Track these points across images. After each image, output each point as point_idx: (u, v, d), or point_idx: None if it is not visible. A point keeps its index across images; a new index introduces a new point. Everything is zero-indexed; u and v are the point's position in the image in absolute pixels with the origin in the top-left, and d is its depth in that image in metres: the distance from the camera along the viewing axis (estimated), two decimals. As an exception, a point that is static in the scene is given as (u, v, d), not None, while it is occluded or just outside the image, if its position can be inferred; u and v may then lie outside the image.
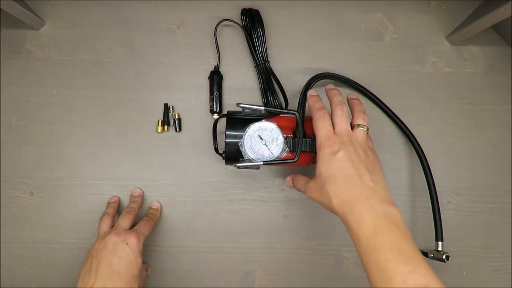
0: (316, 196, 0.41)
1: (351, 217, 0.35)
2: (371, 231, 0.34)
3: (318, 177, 0.40)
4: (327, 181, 0.38)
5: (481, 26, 0.52)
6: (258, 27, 0.54)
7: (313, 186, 0.41)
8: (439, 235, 0.51)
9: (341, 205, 0.37)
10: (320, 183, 0.40)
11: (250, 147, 0.45)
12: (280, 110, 0.47)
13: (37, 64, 0.57)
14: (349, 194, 0.37)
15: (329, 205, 0.38)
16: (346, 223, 0.37)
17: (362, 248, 0.34)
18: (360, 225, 0.35)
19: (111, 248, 0.44)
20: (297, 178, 0.46)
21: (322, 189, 0.39)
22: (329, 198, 0.38)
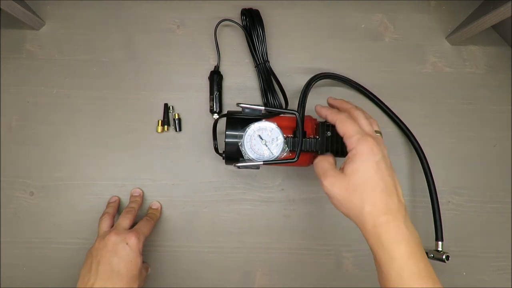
0: (338, 193, 0.37)
1: (386, 232, 0.34)
2: (408, 254, 0.34)
3: (351, 174, 0.36)
4: (364, 184, 0.36)
5: (481, 26, 0.52)
6: (258, 27, 0.54)
7: (341, 181, 0.37)
8: (439, 235, 0.51)
9: (376, 216, 0.35)
10: (352, 183, 0.36)
11: (250, 147, 0.45)
12: (280, 110, 0.47)
13: (37, 64, 0.57)
14: (387, 206, 0.35)
15: (357, 210, 0.36)
16: (374, 235, 0.35)
17: (394, 270, 0.34)
18: (397, 244, 0.34)
19: (111, 247, 0.43)
20: (325, 157, 0.41)
21: (354, 191, 0.36)
22: (361, 203, 0.35)
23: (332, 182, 0.38)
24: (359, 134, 0.37)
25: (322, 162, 0.40)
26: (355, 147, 0.37)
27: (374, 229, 0.35)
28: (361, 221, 0.36)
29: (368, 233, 0.35)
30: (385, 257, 0.34)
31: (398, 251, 0.34)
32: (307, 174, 0.56)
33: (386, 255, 0.34)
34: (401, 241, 0.34)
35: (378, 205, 0.35)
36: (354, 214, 0.37)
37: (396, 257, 0.34)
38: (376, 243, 0.35)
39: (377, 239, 0.35)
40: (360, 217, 0.36)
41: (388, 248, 0.34)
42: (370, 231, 0.35)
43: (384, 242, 0.34)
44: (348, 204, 0.37)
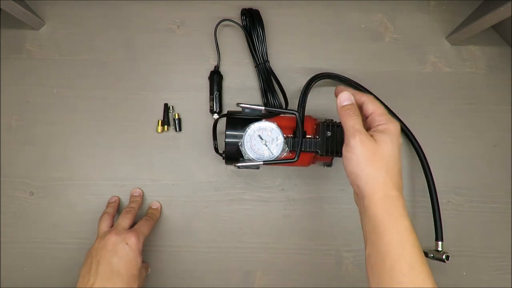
0: (365, 154, 0.37)
1: (396, 204, 0.36)
2: (411, 230, 0.36)
3: (381, 143, 0.37)
4: (389, 157, 0.37)
5: (481, 26, 0.52)
6: (258, 27, 0.54)
7: (371, 144, 0.37)
8: (439, 235, 0.51)
9: (390, 188, 0.36)
10: (380, 150, 0.37)
11: (250, 147, 0.45)
12: (280, 110, 0.47)
13: (37, 64, 0.57)
14: (399, 184, 0.37)
15: (374, 176, 0.37)
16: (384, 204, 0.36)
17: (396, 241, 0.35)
18: (404, 218, 0.36)
19: (111, 247, 0.44)
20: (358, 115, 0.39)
21: (380, 158, 0.37)
22: (381, 172, 0.36)
23: (363, 141, 0.37)
24: (388, 115, 0.39)
25: (356, 120, 0.39)
26: (387, 123, 0.39)
27: (385, 199, 0.36)
28: (373, 188, 0.36)
29: (376, 201, 0.36)
30: (391, 226, 0.35)
31: (403, 224, 0.35)
32: (307, 174, 0.56)
33: (392, 224, 0.35)
34: (406, 216, 0.36)
35: (394, 180, 0.37)
36: (368, 178, 0.37)
37: (401, 229, 0.35)
38: (384, 212, 0.36)
39: (386, 208, 0.36)
40: (373, 183, 0.36)
41: (396, 219, 0.35)
42: (380, 200, 0.36)
43: (393, 213, 0.36)
44: (367, 167, 0.37)
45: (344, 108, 0.40)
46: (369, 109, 0.40)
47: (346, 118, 0.39)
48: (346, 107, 0.40)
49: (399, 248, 0.34)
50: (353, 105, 0.40)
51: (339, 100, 0.41)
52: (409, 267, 0.34)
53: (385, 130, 0.38)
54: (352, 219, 0.55)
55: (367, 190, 0.37)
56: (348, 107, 0.40)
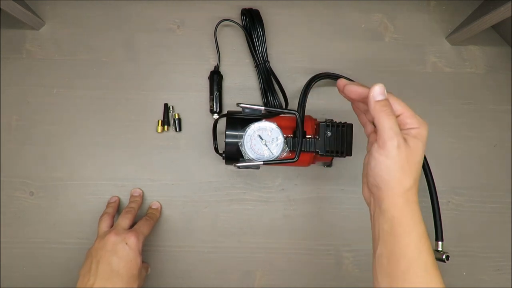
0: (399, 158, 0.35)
1: (417, 209, 0.37)
2: (426, 236, 0.36)
3: (415, 148, 0.36)
4: (419, 164, 0.36)
5: (481, 26, 0.52)
6: (258, 27, 0.54)
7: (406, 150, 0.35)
8: (439, 235, 0.51)
9: (413, 194, 0.36)
10: (413, 156, 0.36)
11: (250, 147, 0.45)
12: (280, 110, 0.47)
13: (37, 64, 0.57)
14: (417, 191, 0.38)
15: (400, 180, 0.36)
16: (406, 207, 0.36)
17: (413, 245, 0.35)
18: (421, 223, 0.36)
19: (110, 247, 0.44)
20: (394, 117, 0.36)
21: (412, 164, 0.36)
22: (409, 177, 0.36)
23: (400, 146, 0.35)
24: (418, 116, 0.37)
25: (394, 120, 0.36)
26: (420, 127, 0.37)
27: (407, 203, 0.36)
28: (396, 193, 0.36)
29: (397, 204, 0.36)
30: (411, 229, 0.36)
31: (421, 228, 0.36)
32: (307, 174, 0.56)
33: (413, 228, 0.36)
34: (422, 222, 0.36)
35: (417, 186, 0.37)
36: (396, 185, 0.36)
37: (420, 232, 0.36)
38: (406, 215, 0.36)
39: (409, 212, 0.36)
40: (400, 188, 0.36)
41: (416, 223, 0.36)
42: (402, 203, 0.36)
43: (414, 217, 0.36)
44: (397, 174, 0.36)
45: (379, 104, 0.36)
46: (397, 110, 0.37)
47: (383, 117, 0.36)
48: (381, 103, 0.36)
49: (416, 251, 0.35)
50: (388, 101, 0.37)
51: (373, 93, 0.37)
52: (424, 270, 0.34)
53: (418, 135, 0.36)
54: (352, 219, 0.55)
55: (392, 194, 0.36)
56: (384, 103, 0.36)
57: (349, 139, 0.45)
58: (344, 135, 0.45)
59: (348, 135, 0.45)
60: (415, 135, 0.37)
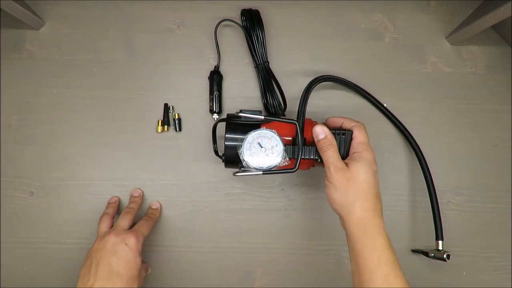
0: (341, 181, 0.41)
1: (371, 223, 0.40)
2: (387, 245, 0.39)
3: (355, 170, 0.41)
4: (363, 182, 0.41)
5: (481, 26, 0.52)
6: (258, 27, 0.54)
7: (345, 173, 0.41)
8: (439, 234, 0.51)
9: (365, 210, 0.40)
10: (354, 177, 0.41)
11: (249, 154, 0.45)
12: (280, 119, 0.47)
13: (37, 64, 0.57)
14: (375, 206, 0.41)
15: (350, 200, 0.41)
16: (361, 224, 0.40)
17: (373, 257, 0.39)
18: (379, 235, 0.40)
19: (110, 248, 0.44)
20: (335, 147, 0.44)
21: (354, 184, 0.41)
22: (357, 196, 0.41)
23: (337, 170, 0.42)
24: (367, 144, 0.44)
25: (333, 152, 0.43)
26: (363, 151, 0.43)
27: (361, 220, 0.40)
28: (349, 210, 0.41)
29: (352, 223, 0.40)
30: (367, 244, 0.39)
31: (378, 241, 0.39)
32: (307, 174, 0.56)
33: (369, 242, 0.39)
34: (381, 234, 0.40)
35: (369, 202, 0.41)
36: (345, 203, 0.41)
37: (377, 246, 0.39)
38: (361, 231, 0.40)
39: (362, 227, 0.40)
40: (350, 207, 0.41)
41: (372, 237, 0.40)
42: (356, 222, 0.40)
43: (368, 231, 0.40)
44: (343, 193, 0.41)
45: (319, 142, 0.44)
46: (354, 135, 0.45)
47: (322, 151, 0.44)
48: (321, 142, 0.44)
49: (375, 263, 0.38)
50: (327, 137, 0.44)
51: (314, 135, 0.45)
52: (383, 280, 0.37)
53: (359, 157, 0.43)
54: (352, 219, 0.55)
55: (344, 213, 0.41)
56: (322, 141, 0.44)
57: (348, 146, 0.46)
58: (344, 141, 0.45)
59: (348, 142, 0.46)
60: (355, 158, 0.43)
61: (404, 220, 0.55)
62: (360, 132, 0.45)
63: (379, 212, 0.41)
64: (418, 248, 0.54)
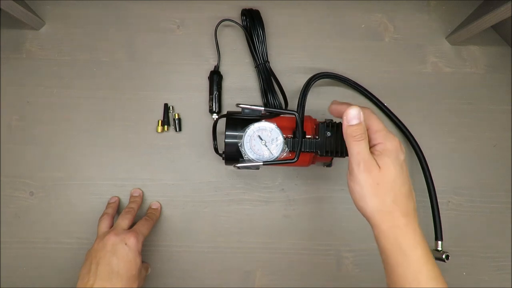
0: (370, 185, 0.34)
1: (404, 234, 0.34)
2: (425, 258, 0.34)
3: (384, 169, 0.34)
4: (393, 182, 0.34)
5: (481, 26, 0.52)
6: (258, 27, 0.54)
7: (376, 174, 0.34)
8: (439, 234, 0.51)
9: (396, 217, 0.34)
10: (384, 178, 0.34)
11: (250, 147, 0.45)
12: (280, 110, 0.47)
13: (37, 64, 0.57)
14: (407, 209, 0.35)
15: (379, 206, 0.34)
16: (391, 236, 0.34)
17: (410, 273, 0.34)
18: (415, 248, 0.34)
19: (110, 248, 0.43)
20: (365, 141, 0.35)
21: (384, 187, 0.34)
22: (386, 201, 0.34)
23: (367, 169, 0.34)
24: (386, 130, 0.36)
25: (365, 144, 0.35)
26: (384, 142, 0.36)
27: (392, 230, 0.34)
28: (379, 218, 0.34)
29: (383, 232, 0.34)
30: (402, 259, 0.34)
31: (415, 254, 0.34)
32: (307, 174, 0.56)
33: (403, 257, 0.34)
34: (417, 245, 0.34)
35: (401, 207, 0.34)
36: (374, 210, 0.35)
37: (413, 260, 0.33)
38: (393, 244, 0.34)
39: (394, 240, 0.34)
40: (379, 214, 0.34)
41: (406, 251, 0.34)
42: (388, 232, 0.34)
43: (402, 244, 0.34)
44: (372, 198, 0.34)
45: (351, 129, 0.35)
46: (367, 126, 0.37)
47: (352, 142, 0.35)
48: (353, 128, 0.35)
49: (414, 281, 0.33)
50: (361, 125, 0.35)
51: (347, 117, 0.35)
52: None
53: (384, 150, 0.35)
54: (352, 219, 0.55)
55: (374, 221, 0.35)
56: (355, 128, 0.35)
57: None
58: (341, 139, 0.45)
59: None
60: (381, 152, 0.35)
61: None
62: (371, 119, 0.36)
63: (412, 216, 0.35)
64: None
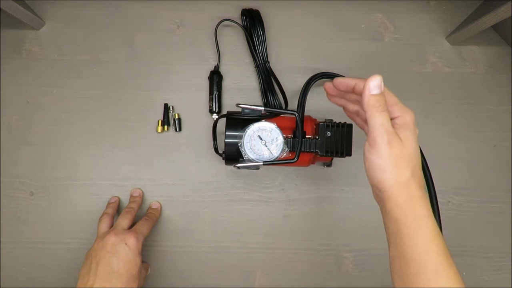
0: (392, 157, 0.34)
1: (420, 205, 0.34)
2: (437, 231, 0.34)
3: (405, 142, 0.34)
4: (413, 155, 0.35)
5: (481, 26, 0.52)
6: (258, 27, 0.54)
7: (399, 147, 0.34)
8: (439, 235, 0.51)
9: (414, 189, 0.34)
10: (405, 151, 0.34)
11: (250, 147, 0.45)
12: (280, 110, 0.47)
13: (37, 64, 0.57)
14: (421, 182, 0.36)
15: (398, 178, 0.34)
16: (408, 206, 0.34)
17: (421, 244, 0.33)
18: (428, 219, 0.34)
19: (110, 248, 0.44)
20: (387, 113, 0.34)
21: (405, 159, 0.34)
22: (406, 172, 0.34)
23: (391, 142, 0.34)
24: (401, 103, 0.36)
25: (386, 116, 0.34)
26: (402, 115, 0.36)
27: (408, 201, 0.34)
28: (396, 190, 0.34)
29: (398, 205, 0.34)
30: (415, 229, 0.34)
31: (427, 226, 0.34)
32: (307, 174, 0.56)
33: (416, 227, 0.34)
34: (430, 217, 0.34)
35: (417, 179, 0.35)
36: (393, 182, 0.34)
37: (426, 231, 0.33)
38: (408, 215, 0.34)
39: (409, 211, 0.34)
40: (398, 186, 0.34)
41: (421, 221, 0.34)
42: (403, 203, 0.34)
43: (417, 215, 0.34)
44: (392, 172, 0.34)
45: (373, 98, 0.34)
46: None
47: (375, 113, 0.34)
48: (376, 98, 0.34)
49: (424, 252, 0.33)
50: (383, 96, 0.34)
51: (369, 85, 0.34)
52: (435, 272, 0.33)
53: (404, 124, 0.35)
54: (351, 219, 0.55)
55: (391, 194, 0.34)
56: (378, 98, 0.34)
57: (349, 139, 0.45)
58: (344, 135, 0.45)
59: (348, 135, 0.45)
60: (401, 125, 0.35)
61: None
62: (387, 93, 0.36)
63: (424, 188, 0.35)
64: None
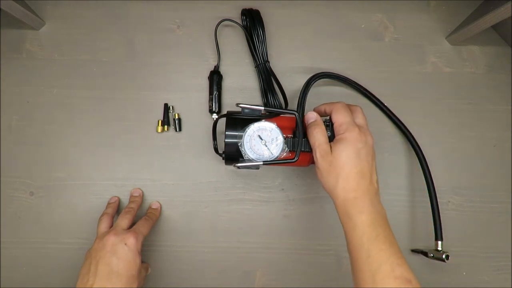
0: (324, 166, 0.42)
1: (352, 205, 0.40)
2: (368, 222, 0.39)
3: (336, 154, 0.42)
4: (344, 164, 0.41)
5: (481, 26, 0.52)
6: (258, 27, 0.54)
7: (328, 157, 0.42)
8: (439, 234, 0.51)
9: (346, 192, 0.41)
10: (335, 161, 0.41)
11: (250, 147, 0.45)
12: (280, 110, 0.47)
13: (37, 64, 0.57)
14: (357, 185, 0.41)
15: (333, 184, 0.41)
16: (343, 208, 0.41)
17: (356, 236, 0.39)
18: (360, 214, 0.39)
19: (109, 248, 0.44)
20: (322, 130, 0.43)
21: (335, 168, 0.41)
22: (337, 179, 0.41)
23: (321, 154, 0.42)
24: (349, 123, 0.43)
25: (320, 135, 0.43)
26: (344, 133, 0.42)
27: (343, 203, 0.41)
28: (334, 195, 0.42)
29: (338, 206, 0.41)
30: (350, 225, 0.40)
31: (359, 220, 0.39)
32: (307, 174, 0.56)
33: (350, 224, 0.40)
34: (363, 212, 0.40)
35: (351, 184, 0.41)
36: (330, 187, 0.42)
37: (357, 224, 0.39)
38: (344, 214, 0.41)
39: (345, 211, 0.41)
40: (334, 191, 0.41)
41: (352, 218, 0.40)
42: (340, 204, 0.41)
43: (349, 213, 0.40)
44: (327, 178, 0.42)
45: (308, 125, 0.44)
46: (332, 119, 0.44)
47: (309, 135, 0.44)
48: (309, 124, 0.44)
49: (358, 241, 0.39)
50: (316, 121, 0.44)
51: (306, 119, 0.45)
52: (367, 256, 0.38)
53: (341, 139, 0.42)
54: (352, 219, 0.55)
55: (332, 198, 0.42)
56: (310, 124, 0.44)
57: None
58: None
59: None
60: (338, 140, 0.42)
61: (403, 220, 0.55)
62: (337, 114, 0.43)
63: (363, 190, 0.41)
64: (418, 248, 0.54)
